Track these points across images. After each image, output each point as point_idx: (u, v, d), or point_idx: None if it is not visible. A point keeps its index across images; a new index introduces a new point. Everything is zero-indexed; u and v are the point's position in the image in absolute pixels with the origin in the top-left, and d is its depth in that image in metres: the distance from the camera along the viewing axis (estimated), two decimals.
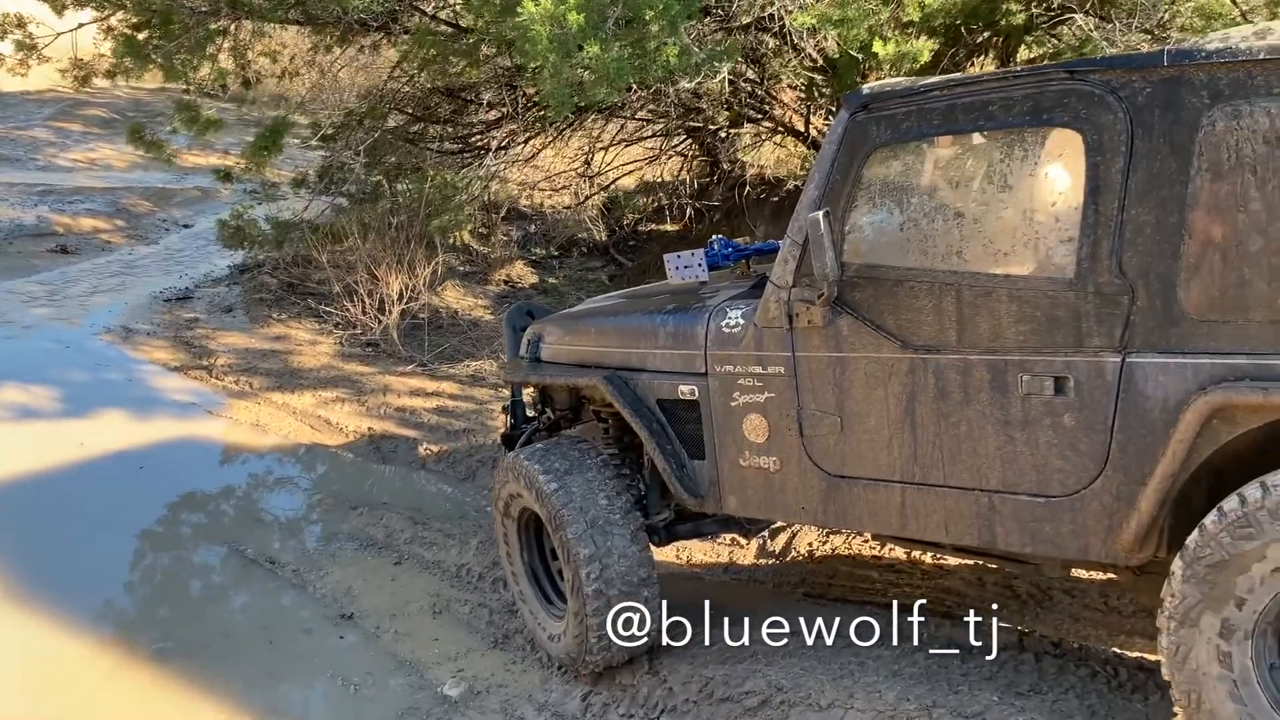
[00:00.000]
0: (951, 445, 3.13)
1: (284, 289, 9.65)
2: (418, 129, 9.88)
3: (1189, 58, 2.67)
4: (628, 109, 9.46)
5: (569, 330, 4.42)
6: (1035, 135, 3.01)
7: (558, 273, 11.30)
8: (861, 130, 3.23)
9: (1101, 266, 2.79)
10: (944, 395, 3.11)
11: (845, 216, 3.26)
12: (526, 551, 4.34)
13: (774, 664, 3.96)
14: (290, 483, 6.37)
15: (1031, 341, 2.92)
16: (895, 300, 3.17)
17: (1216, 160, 2.62)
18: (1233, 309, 2.63)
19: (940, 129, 3.15)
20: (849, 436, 3.35)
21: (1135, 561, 2.93)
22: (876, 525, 3.42)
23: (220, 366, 8.04)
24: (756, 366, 3.54)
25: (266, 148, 7.73)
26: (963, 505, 3.16)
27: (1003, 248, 3.05)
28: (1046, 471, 2.96)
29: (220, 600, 5.02)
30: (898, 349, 3.17)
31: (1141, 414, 2.77)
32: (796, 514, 3.63)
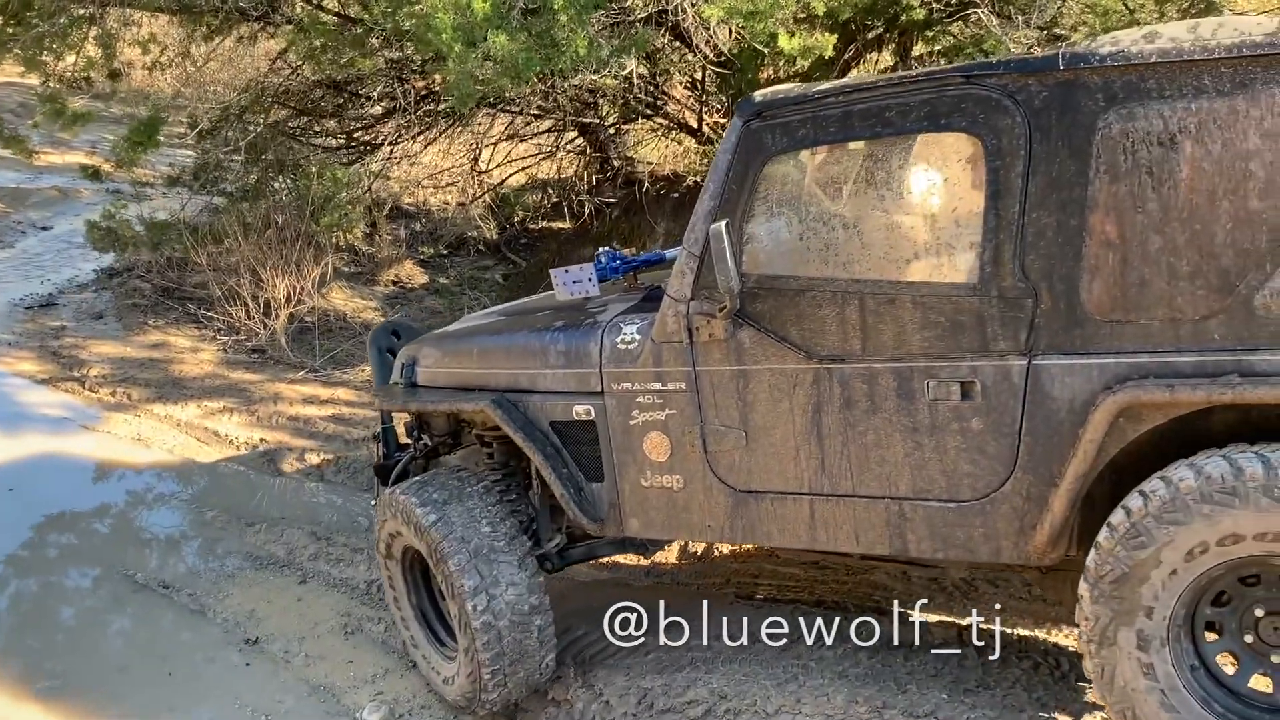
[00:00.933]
0: (859, 454, 3.11)
1: (159, 294, 9.11)
2: (300, 124, 9.47)
3: (1084, 61, 2.71)
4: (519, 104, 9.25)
5: (448, 352, 4.15)
6: (934, 140, 2.99)
7: (448, 272, 11.00)
8: (756, 138, 3.18)
9: (1004, 270, 2.80)
10: (850, 404, 3.08)
11: (743, 226, 3.20)
12: (414, 593, 4.08)
13: (714, 670, 3.86)
14: (179, 500, 5.97)
15: (936, 347, 2.92)
16: (798, 310, 3.13)
17: (1114, 162, 2.67)
18: (1134, 309, 2.68)
19: (837, 135, 3.11)
20: (755, 450, 3.28)
21: (1048, 562, 2.94)
22: (786, 539, 3.34)
23: (94, 378, 7.52)
24: (655, 383, 3.43)
25: (141, 143, 7.24)
26: (873, 514, 3.14)
27: (905, 254, 3.04)
28: (956, 476, 2.97)
29: (111, 632, 4.65)
30: (802, 359, 3.13)
31: (1048, 415, 2.80)
32: (702, 532, 3.52)
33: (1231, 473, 2.51)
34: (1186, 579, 2.62)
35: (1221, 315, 2.60)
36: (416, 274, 10.66)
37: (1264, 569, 2.61)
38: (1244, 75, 2.55)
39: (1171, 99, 2.61)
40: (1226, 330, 2.59)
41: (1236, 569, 2.62)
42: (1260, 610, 2.65)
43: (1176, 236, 2.61)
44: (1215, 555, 2.57)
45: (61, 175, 14.22)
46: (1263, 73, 2.54)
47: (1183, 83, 2.60)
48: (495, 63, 5.26)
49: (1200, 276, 2.60)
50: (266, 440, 6.64)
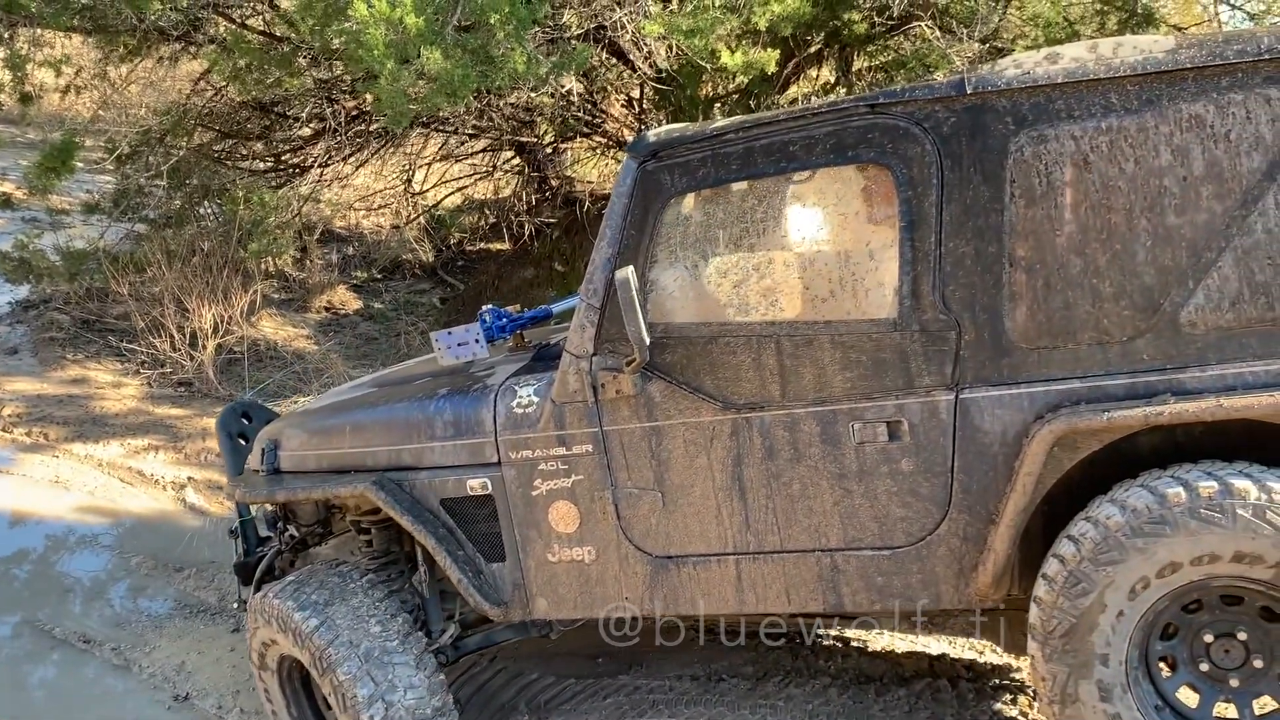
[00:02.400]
0: (785, 507, 2.96)
1: (79, 326, 8.68)
2: (225, 147, 9.15)
3: (990, 85, 2.68)
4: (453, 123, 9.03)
5: (316, 431, 3.76)
6: (842, 173, 2.90)
7: (383, 297, 10.70)
8: (654, 180, 3.02)
9: (925, 303, 2.73)
10: (772, 454, 2.94)
11: (645, 273, 3.02)
12: (294, 707, 3.67)
13: (678, 714, 3.71)
14: (101, 546, 5.61)
15: (860, 388, 2.81)
16: (710, 359, 2.97)
17: (1028, 186, 2.64)
18: (1060, 334, 2.64)
19: (739, 174, 2.97)
20: (673, 512, 3.08)
21: (990, 603, 2.84)
22: (712, 605, 3.12)
23: (7, 417, 7.11)
24: (559, 448, 3.18)
25: (55, 168, 6.88)
26: (803, 569, 2.98)
27: (819, 293, 2.91)
28: (889, 522, 2.85)
29: (26, 691, 4.31)
30: (718, 410, 2.97)
31: (981, 450, 2.72)
32: (619, 607, 3.24)
33: (1155, 501, 2.48)
34: (1134, 618, 2.56)
35: (1149, 335, 2.58)
36: (350, 300, 10.35)
37: (1204, 593, 2.57)
38: (1150, 92, 2.57)
39: (1081, 119, 2.60)
40: (1155, 350, 2.58)
41: (1179, 598, 2.57)
42: (1209, 635, 2.61)
43: (1097, 257, 2.60)
44: (1157, 588, 2.53)
45: None
46: (1167, 88, 2.56)
47: (1090, 102, 2.60)
48: (430, 80, 5.05)
49: (1125, 297, 2.59)
50: (195, 479, 6.31)
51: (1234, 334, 2.53)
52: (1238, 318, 2.53)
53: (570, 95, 8.22)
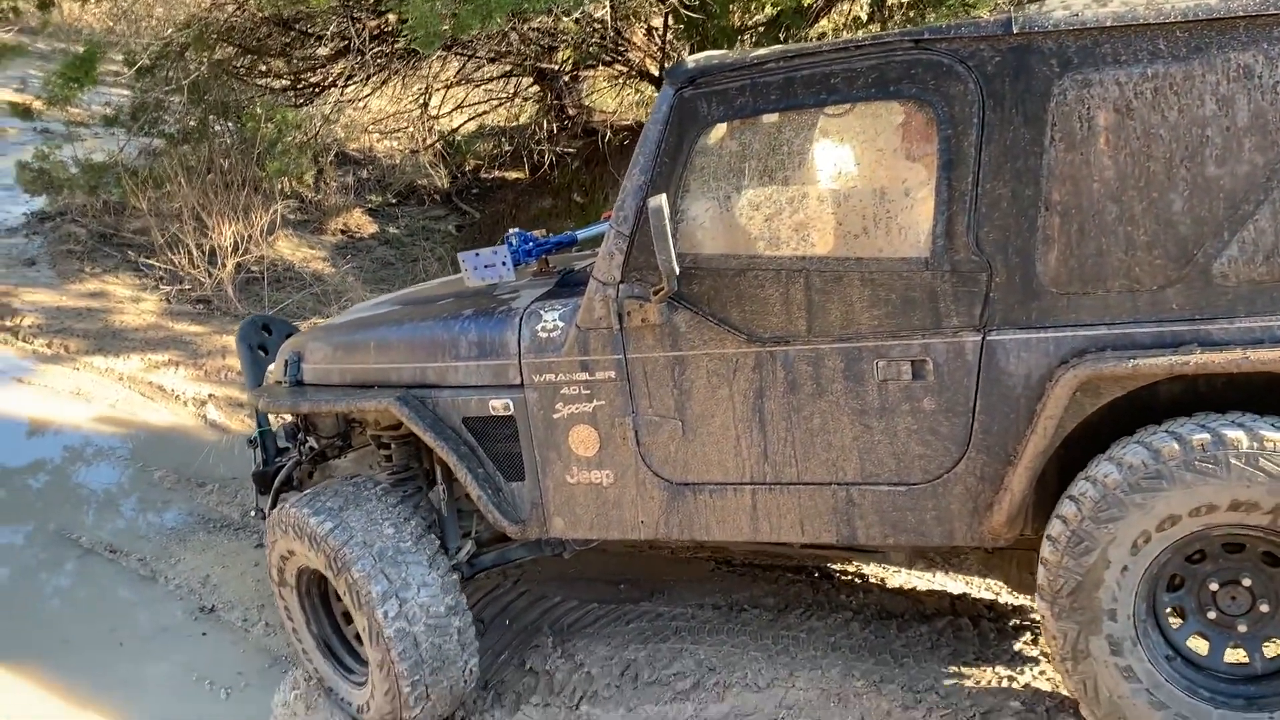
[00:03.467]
0: (804, 440, 3.00)
1: (96, 239, 8.66)
2: (244, 63, 9.01)
3: (1037, 25, 2.64)
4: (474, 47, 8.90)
5: (340, 346, 3.81)
6: (882, 108, 2.87)
7: (399, 222, 10.64)
8: (690, 108, 2.99)
9: (958, 244, 2.73)
10: (795, 388, 2.97)
11: (678, 202, 3.02)
12: (314, 623, 3.75)
13: (700, 641, 3.74)
14: (124, 458, 5.67)
15: (887, 326, 2.83)
16: (738, 291, 2.98)
17: (1069, 130, 2.63)
18: (1091, 280, 2.64)
19: (779, 104, 2.93)
20: (692, 440, 3.13)
21: (1003, 542, 2.88)
22: (725, 533, 3.19)
23: (27, 328, 7.13)
24: (582, 373, 3.23)
25: (78, 79, 6.79)
26: (818, 502, 3.03)
27: (852, 229, 2.90)
28: (906, 459, 2.89)
29: (54, 598, 4.38)
30: (743, 343, 2.99)
31: (1004, 392, 2.74)
32: (634, 529, 3.30)
33: (1150, 456, 2.53)
34: (1139, 572, 2.62)
35: (1179, 285, 2.58)
36: (365, 223, 10.30)
37: (1206, 543, 2.63)
38: (1199, 39, 2.52)
39: (1126, 64, 2.57)
40: (1185, 300, 2.58)
41: (1181, 549, 2.62)
42: (1214, 584, 2.66)
43: (1133, 205, 2.59)
44: (1159, 541, 2.57)
45: None
46: (1218, 36, 2.51)
47: (1138, 48, 2.57)
48: (464, 1, 4.98)
49: (1158, 245, 2.58)
50: (215, 396, 6.35)
51: (1265, 287, 2.53)
52: (1270, 271, 2.52)
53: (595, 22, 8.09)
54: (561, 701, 3.65)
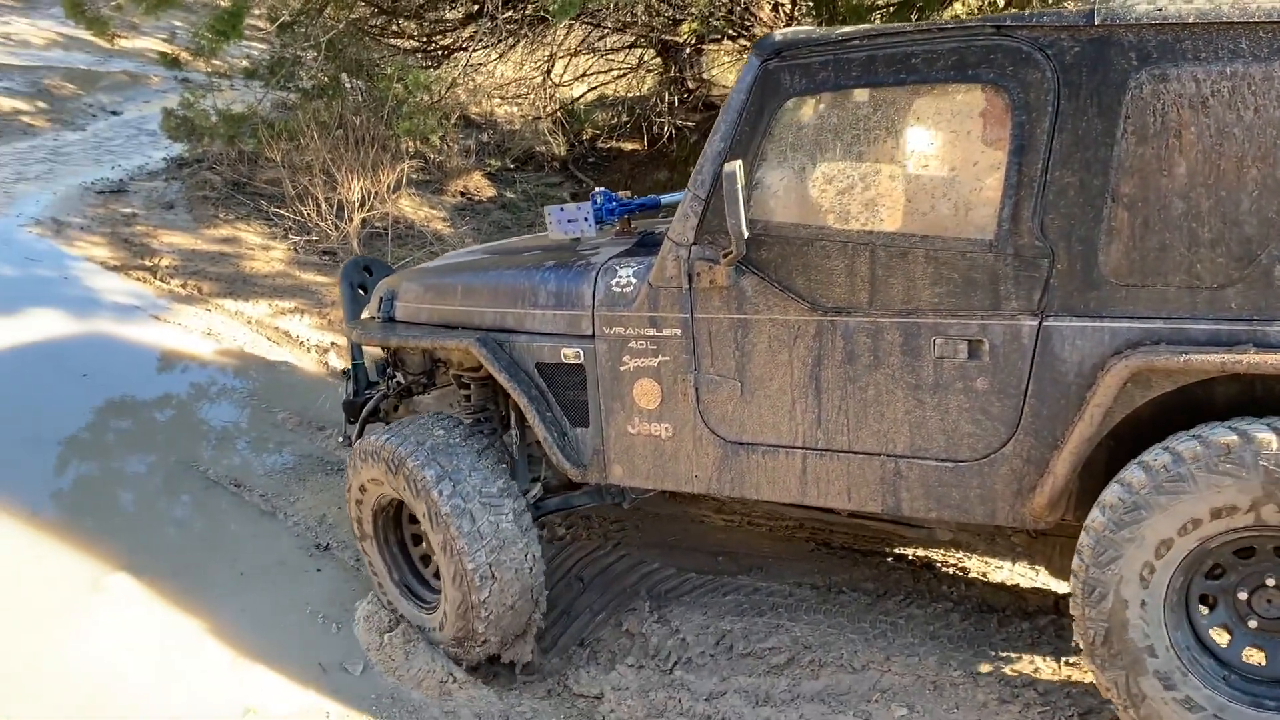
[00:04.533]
0: (858, 410, 3.09)
1: (230, 187, 9.01)
2: (379, 23, 9.25)
3: (1118, 18, 2.67)
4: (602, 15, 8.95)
5: (430, 288, 4.01)
6: (959, 91, 2.92)
7: (516, 187, 10.80)
8: (774, 79, 3.08)
9: (1023, 228, 2.78)
10: (852, 359, 3.06)
11: (753, 170, 3.12)
12: (388, 547, 4.00)
13: (797, 619, 3.77)
14: (251, 398, 5.92)
15: (947, 304, 2.90)
16: (805, 260, 3.08)
17: (1142, 124, 2.65)
18: (1152, 273, 2.67)
19: (859, 81, 3.01)
20: (749, 402, 3.24)
21: (1044, 525, 2.95)
22: (774, 493, 3.30)
23: (165, 268, 7.47)
24: (650, 329, 3.36)
25: (225, 32, 7.06)
26: (867, 471, 3.12)
27: (921, 207, 2.96)
28: (956, 436, 2.96)
29: (182, 525, 4.63)
30: (805, 311, 3.10)
31: (1057, 378, 2.79)
32: (689, 482, 3.44)
33: (1172, 460, 2.60)
34: (1161, 590, 2.69)
35: (1240, 284, 2.59)
36: (484, 187, 10.48)
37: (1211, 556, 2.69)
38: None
39: (1206, 61, 2.58)
40: (1244, 300, 2.59)
41: (1210, 551, 2.67)
42: (1243, 592, 2.70)
43: (1201, 202, 2.60)
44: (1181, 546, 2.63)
45: (131, 60, 14.14)
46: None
47: (1219, 45, 2.57)
48: None
49: (1222, 244, 2.59)
50: (337, 344, 6.58)
51: None
52: None
53: None
54: (655, 665, 3.73)
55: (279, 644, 3.87)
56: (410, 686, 3.70)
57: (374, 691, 3.66)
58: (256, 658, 3.77)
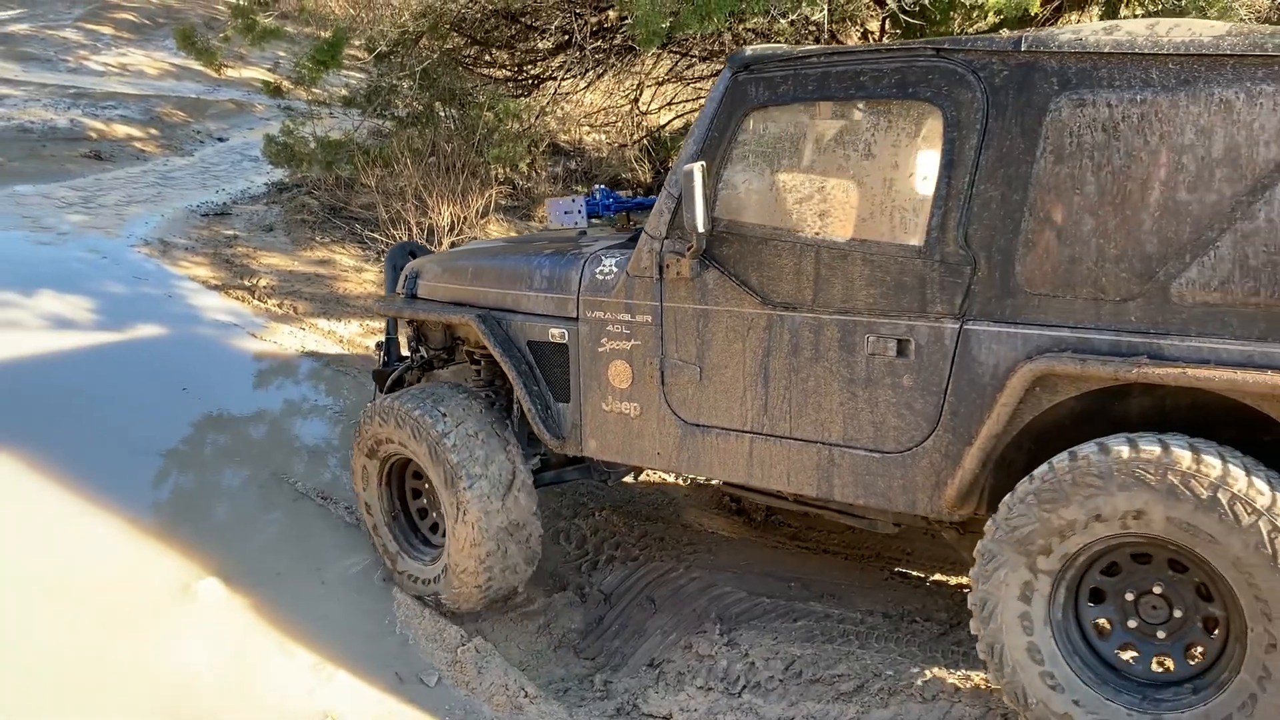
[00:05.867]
0: (799, 399, 3.33)
1: (326, 211, 9.33)
2: (472, 53, 9.51)
3: (1043, 45, 2.88)
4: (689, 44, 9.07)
5: (446, 269, 4.44)
6: (900, 107, 3.14)
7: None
8: (741, 90, 3.37)
9: (949, 237, 2.99)
10: (796, 351, 3.31)
11: (720, 173, 3.40)
12: (386, 495, 4.43)
13: (868, 647, 3.75)
14: (340, 415, 6.11)
15: (880, 304, 3.13)
16: (760, 258, 3.34)
17: (1060, 144, 2.84)
18: (1062, 285, 2.85)
19: (813, 95, 3.27)
20: (706, 386, 3.53)
21: (957, 517, 3.17)
22: (725, 473, 3.58)
23: (262, 288, 7.76)
24: (625, 314, 3.68)
25: (325, 62, 7.36)
26: (805, 457, 3.36)
27: (861, 214, 3.20)
28: (883, 428, 3.18)
29: (272, 536, 4.79)
30: (758, 305, 3.36)
31: (973, 378, 2.99)
32: (652, 459, 3.74)
33: (1049, 471, 2.80)
34: (1044, 600, 2.87)
35: (1140, 299, 2.76)
36: None
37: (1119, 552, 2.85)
38: (1189, 73, 2.68)
39: (1119, 89, 2.77)
40: (1143, 314, 2.76)
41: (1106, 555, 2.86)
42: (1130, 594, 2.86)
43: (1108, 220, 2.78)
44: (1080, 539, 2.79)
45: (238, 89, 14.74)
46: (1205, 72, 2.66)
47: (1131, 74, 2.75)
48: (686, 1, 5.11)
49: (1125, 260, 2.77)
50: None
51: (1217, 311, 2.67)
52: (1224, 297, 2.66)
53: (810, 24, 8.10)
54: (724, 688, 3.74)
55: (357, 652, 3.98)
56: (482, 700, 3.77)
57: (447, 703, 3.74)
58: (336, 664, 3.88)
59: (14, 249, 7.93)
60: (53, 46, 15.75)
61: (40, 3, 18.16)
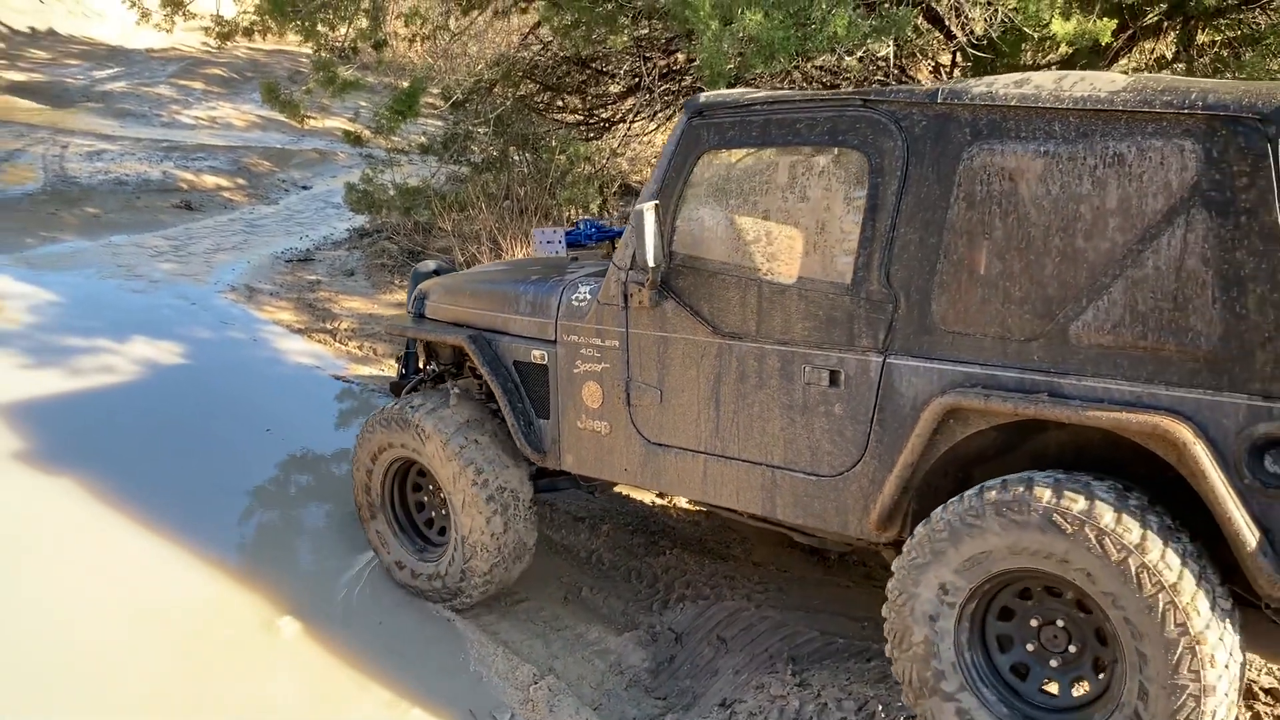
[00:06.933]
0: (746, 423, 3.54)
1: (405, 255, 9.57)
2: (544, 99, 9.71)
3: (958, 97, 3.04)
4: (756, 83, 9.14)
5: (450, 291, 4.68)
6: (831, 154, 3.33)
7: None
8: (694, 134, 3.60)
9: (873, 276, 3.18)
10: (743, 378, 3.52)
11: (677, 210, 3.62)
12: (387, 497, 4.69)
13: None
14: None
15: (814, 337, 3.34)
16: (710, 290, 3.56)
17: (971, 191, 2.99)
18: (973, 323, 3.02)
19: (756, 140, 3.48)
20: (666, 408, 3.75)
21: (884, 539, 3.34)
22: (683, 490, 3.81)
23: (344, 331, 7.97)
24: (596, 339, 3.92)
25: (403, 111, 7.59)
26: (751, 477, 3.57)
27: (798, 252, 3.39)
28: (819, 453, 3.38)
29: (350, 573, 4.89)
30: (709, 333, 3.58)
31: (895, 409, 3.17)
32: (620, 474, 3.99)
33: (945, 512, 2.98)
34: (958, 624, 3.04)
35: (1042, 340, 2.91)
36: None
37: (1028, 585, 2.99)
38: (1086, 126, 2.81)
39: (1025, 140, 2.91)
40: (1044, 354, 2.91)
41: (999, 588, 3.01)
42: (1035, 621, 2.99)
43: (1013, 264, 2.93)
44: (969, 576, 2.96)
45: (321, 139, 15.24)
46: (1101, 126, 2.79)
47: (1036, 127, 2.90)
48: (749, 41, 5.18)
49: (1028, 302, 2.92)
50: None
51: (1110, 353, 2.80)
52: (1116, 340, 2.79)
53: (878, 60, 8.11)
54: None
55: (431, 690, 4.03)
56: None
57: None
58: (411, 702, 3.94)
59: (109, 296, 8.29)
60: (148, 102, 16.48)
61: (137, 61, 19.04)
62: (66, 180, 11.81)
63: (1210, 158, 2.64)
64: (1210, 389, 2.67)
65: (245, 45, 19.10)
